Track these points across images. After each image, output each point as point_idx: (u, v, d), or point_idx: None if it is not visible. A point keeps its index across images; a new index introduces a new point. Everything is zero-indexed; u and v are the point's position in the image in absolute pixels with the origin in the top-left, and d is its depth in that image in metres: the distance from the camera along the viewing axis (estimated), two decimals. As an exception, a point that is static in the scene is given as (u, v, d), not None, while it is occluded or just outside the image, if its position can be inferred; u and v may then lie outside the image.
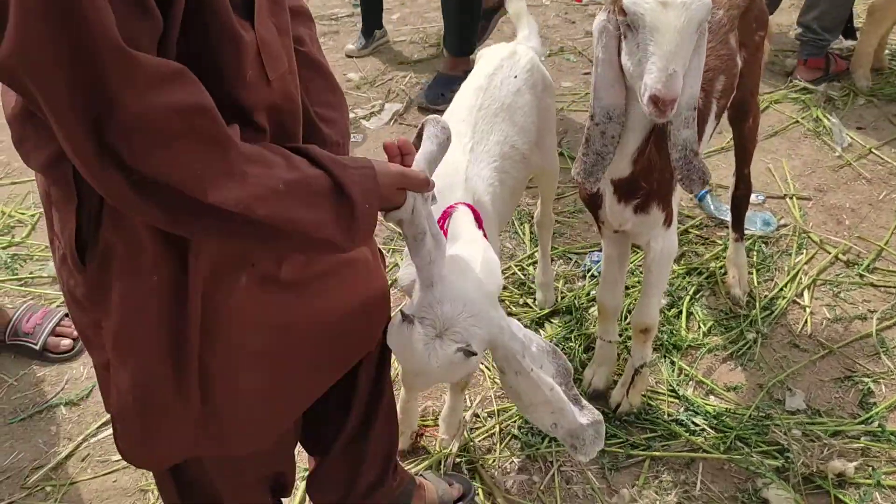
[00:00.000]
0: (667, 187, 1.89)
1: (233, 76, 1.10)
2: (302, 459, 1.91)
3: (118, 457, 2.29)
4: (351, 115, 4.05)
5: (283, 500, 1.79)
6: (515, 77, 2.06)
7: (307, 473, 1.86)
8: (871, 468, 2.17)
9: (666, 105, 1.54)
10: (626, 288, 2.54)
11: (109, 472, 2.31)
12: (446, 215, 1.73)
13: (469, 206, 1.77)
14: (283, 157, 1.13)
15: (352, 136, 3.76)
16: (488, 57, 2.17)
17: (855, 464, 2.17)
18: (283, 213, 1.09)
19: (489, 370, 2.56)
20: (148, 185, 1.00)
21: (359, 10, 4.80)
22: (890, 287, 2.79)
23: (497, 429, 2.37)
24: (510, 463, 2.27)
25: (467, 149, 1.89)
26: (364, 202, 1.18)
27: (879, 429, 2.29)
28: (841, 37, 4.41)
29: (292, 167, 1.13)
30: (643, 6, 1.55)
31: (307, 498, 2.13)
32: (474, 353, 1.40)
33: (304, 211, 1.11)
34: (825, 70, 4.00)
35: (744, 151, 2.59)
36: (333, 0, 5.42)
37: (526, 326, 2.64)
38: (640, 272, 2.80)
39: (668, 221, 1.98)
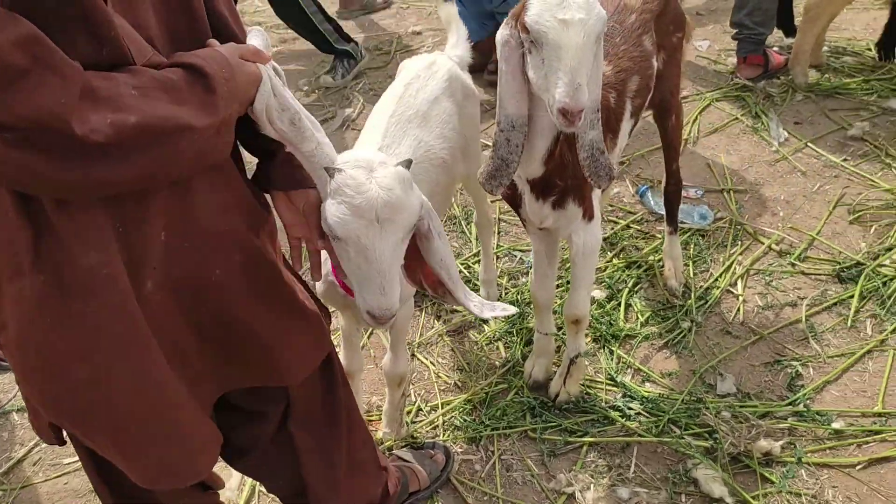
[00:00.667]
0: (580, 183, 1.98)
1: None
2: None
3: (69, 460, 2.36)
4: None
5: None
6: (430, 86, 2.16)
7: None
8: (795, 447, 2.27)
9: (574, 116, 1.63)
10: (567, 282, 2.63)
11: (60, 475, 2.35)
12: None
13: None
14: (127, 72, 1.11)
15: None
16: (409, 67, 2.26)
17: (781, 443, 2.27)
18: (152, 113, 1.09)
19: (432, 365, 2.64)
20: (19, 137, 1.00)
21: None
22: (820, 275, 2.91)
23: (440, 420, 2.45)
24: (453, 452, 2.34)
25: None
26: (221, 73, 1.18)
27: (805, 409, 2.39)
28: (782, 34, 4.56)
29: (138, 73, 1.11)
30: (545, 25, 1.63)
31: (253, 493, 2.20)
32: (410, 161, 1.50)
33: (168, 104, 1.11)
34: (764, 67, 4.14)
35: (670, 148, 2.69)
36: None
37: (470, 323, 2.75)
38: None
39: (587, 216, 2.07)
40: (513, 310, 1.67)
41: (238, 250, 1.35)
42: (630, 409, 2.42)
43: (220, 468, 2.28)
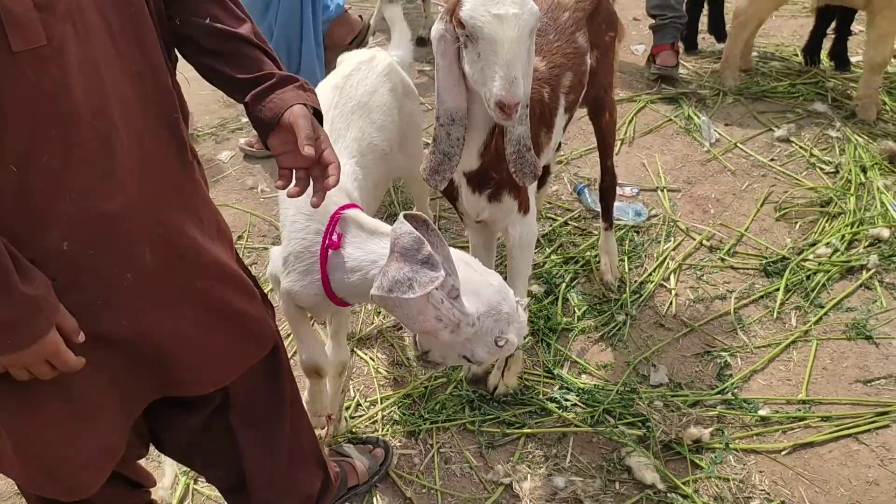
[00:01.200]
0: None
1: None
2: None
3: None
4: (244, 120, 4.07)
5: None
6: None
7: None
8: (723, 434, 2.35)
9: (511, 109, 1.66)
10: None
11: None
12: (335, 220, 1.77)
13: (354, 205, 1.84)
14: None
15: (242, 138, 3.79)
16: (349, 60, 2.27)
17: (710, 430, 2.34)
18: None
19: (372, 361, 2.64)
20: None
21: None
22: (748, 269, 3.01)
23: (379, 415, 2.45)
24: (392, 447, 2.34)
25: None
26: None
27: (733, 398, 2.47)
28: (714, 39, 4.71)
29: None
30: (480, 20, 1.66)
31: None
32: None
33: None
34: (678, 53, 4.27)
35: (604, 145, 2.74)
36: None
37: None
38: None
39: (522, 209, 2.10)
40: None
41: (151, 251, 1.29)
42: (566, 400, 2.47)
43: (153, 467, 2.24)
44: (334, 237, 1.75)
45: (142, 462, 2.20)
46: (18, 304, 1.10)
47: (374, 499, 2.20)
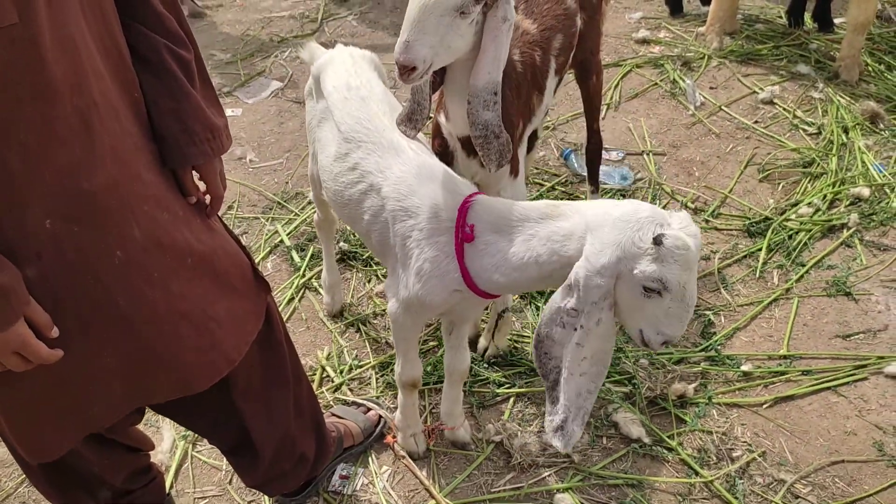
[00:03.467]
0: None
1: None
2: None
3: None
4: (225, 89, 4.07)
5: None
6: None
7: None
8: (707, 389, 2.42)
9: (404, 70, 1.67)
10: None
11: (-14, 448, 2.32)
12: (464, 212, 1.76)
13: (477, 192, 1.83)
14: None
15: (230, 110, 3.79)
16: (334, 71, 2.14)
17: (694, 386, 2.41)
18: None
19: (364, 325, 2.69)
20: None
21: None
22: (731, 230, 3.07)
23: (373, 378, 2.51)
24: (386, 408, 2.40)
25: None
26: None
27: (716, 354, 2.54)
28: (699, 2, 4.72)
29: None
30: None
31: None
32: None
33: None
34: None
35: (591, 107, 2.76)
36: None
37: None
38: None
39: (513, 172, 2.14)
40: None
41: (139, 228, 1.28)
42: (555, 360, 2.52)
43: (152, 431, 2.30)
44: (467, 230, 1.74)
45: (140, 427, 2.26)
46: None
47: (370, 459, 2.27)
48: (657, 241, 1.49)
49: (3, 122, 1.11)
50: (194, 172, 1.44)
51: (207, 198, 1.48)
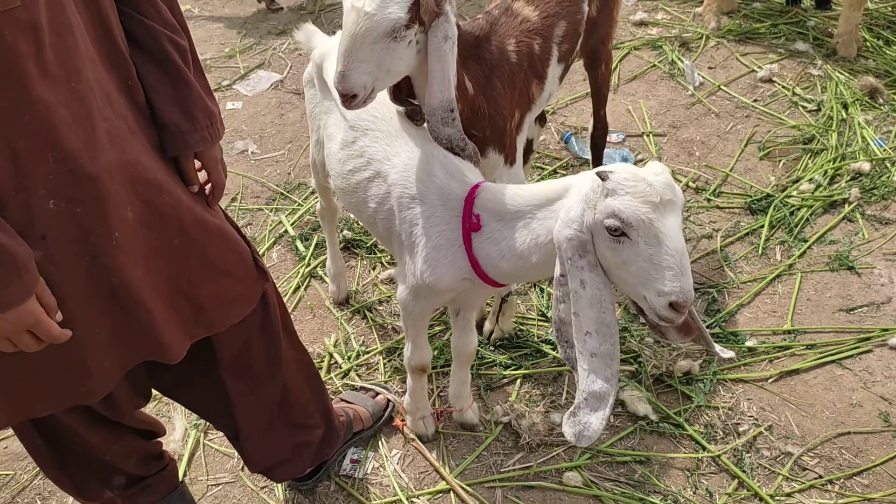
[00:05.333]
0: (499, 133, 2.03)
1: None
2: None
3: (8, 426, 2.35)
4: (225, 83, 4.08)
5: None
6: None
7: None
8: (711, 365, 2.43)
9: (343, 98, 1.70)
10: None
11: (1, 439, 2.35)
12: (471, 202, 1.78)
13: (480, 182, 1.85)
14: None
15: (230, 103, 3.81)
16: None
17: (699, 363, 2.43)
18: None
19: (370, 312, 2.70)
20: None
21: None
22: (733, 208, 3.08)
23: (381, 364, 2.53)
24: (394, 392, 2.42)
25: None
26: None
27: (721, 331, 2.56)
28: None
29: None
30: (344, 3, 1.68)
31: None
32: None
33: None
34: None
35: (598, 95, 2.76)
36: None
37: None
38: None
39: (509, 161, 2.14)
40: (731, 354, 1.75)
41: (132, 210, 1.30)
42: (560, 341, 2.54)
43: (164, 421, 2.32)
44: (473, 219, 1.76)
45: (151, 412, 2.29)
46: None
47: (379, 442, 2.29)
48: (602, 176, 1.49)
49: (8, 104, 1.13)
50: (196, 161, 1.46)
51: (208, 187, 1.50)
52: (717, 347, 1.72)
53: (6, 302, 1.15)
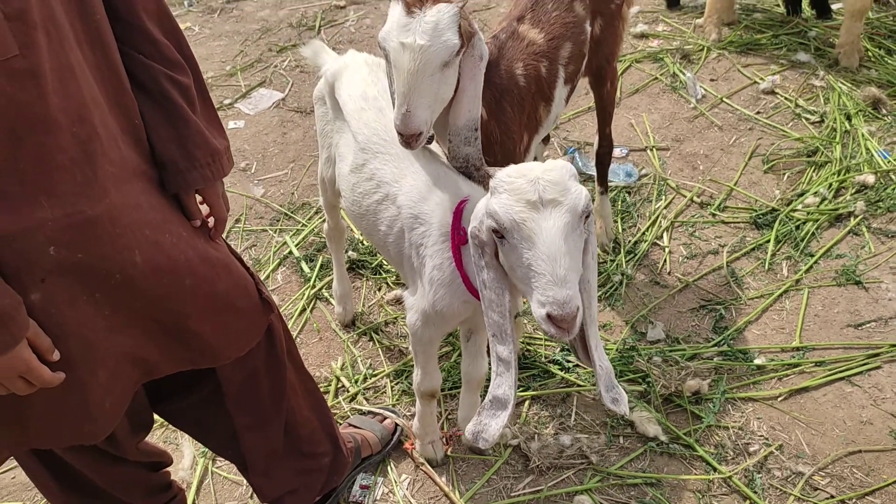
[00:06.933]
0: (509, 157, 2.04)
1: None
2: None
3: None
4: (226, 101, 4.08)
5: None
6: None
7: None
8: (721, 384, 2.42)
9: (407, 138, 1.70)
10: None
11: (7, 471, 2.33)
12: (458, 215, 1.77)
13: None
14: None
15: (232, 122, 3.81)
16: (352, 84, 2.11)
17: (708, 381, 2.42)
18: None
19: (377, 334, 2.70)
20: None
21: None
22: (738, 223, 3.07)
23: (388, 387, 2.52)
24: (402, 416, 2.41)
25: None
26: None
27: (729, 349, 2.55)
28: (696, -5, 4.71)
29: None
30: (388, 43, 1.68)
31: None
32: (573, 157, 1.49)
33: None
34: None
35: (604, 113, 2.76)
36: None
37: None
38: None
39: None
40: (625, 410, 1.63)
41: (141, 253, 1.30)
42: (568, 362, 2.54)
43: (172, 449, 2.31)
44: (460, 232, 1.73)
45: (158, 440, 2.28)
46: None
47: (388, 467, 2.28)
48: (490, 174, 1.48)
49: (3, 152, 1.12)
50: (197, 196, 1.45)
51: (211, 220, 1.50)
52: (607, 397, 1.63)
53: None
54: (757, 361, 2.50)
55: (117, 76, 1.29)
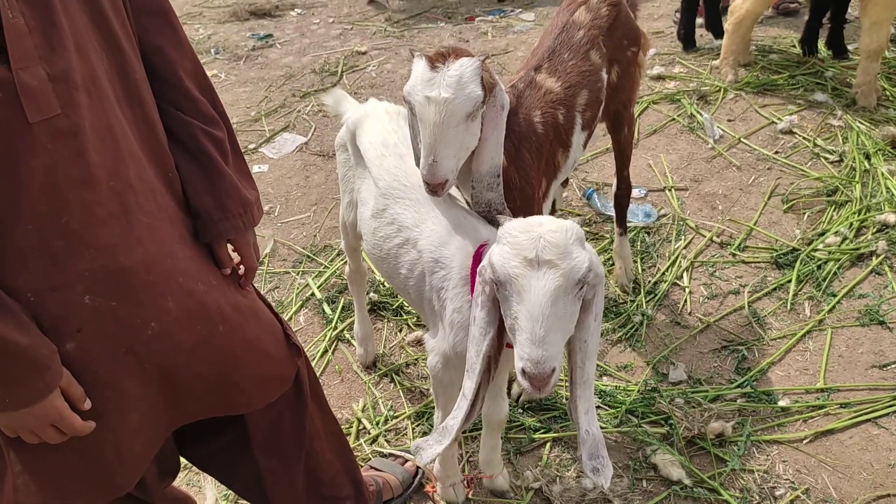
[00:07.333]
0: (528, 203, 2.07)
1: None
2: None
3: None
4: (251, 146, 4.17)
5: None
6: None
7: None
8: (745, 426, 2.40)
9: (435, 188, 1.75)
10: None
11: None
12: (478, 257, 1.78)
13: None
14: None
15: (256, 166, 3.89)
16: (375, 132, 2.15)
17: (732, 424, 2.40)
18: None
19: (398, 375, 2.71)
20: None
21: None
22: (759, 262, 3.07)
23: (409, 429, 2.52)
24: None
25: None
26: None
27: (752, 390, 2.53)
28: (711, 36, 4.77)
29: None
30: (414, 97, 1.74)
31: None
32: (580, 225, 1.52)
33: None
34: None
35: (622, 157, 2.79)
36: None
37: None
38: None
39: None
40: (605, 483, 1.58)
41: (173, 300, 1.33)
42: (590, 403, 2.53)
43: (195, 491, 2.32)
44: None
45: (181, 482, 2.29)
46: (17, 364, 1.15)
47: (410, 510, 2.28)
48: (499, 223, 1.51)
49: (47, 206, 1.17)
50: (228, 245, 1.50)
51: (241, 269, 1.54)
52: (588, 465, 1.59)
53: (28, 398, 1.18)
54: (781, 403, 2.48)
55: (155, 132, 1.35)
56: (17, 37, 1.10)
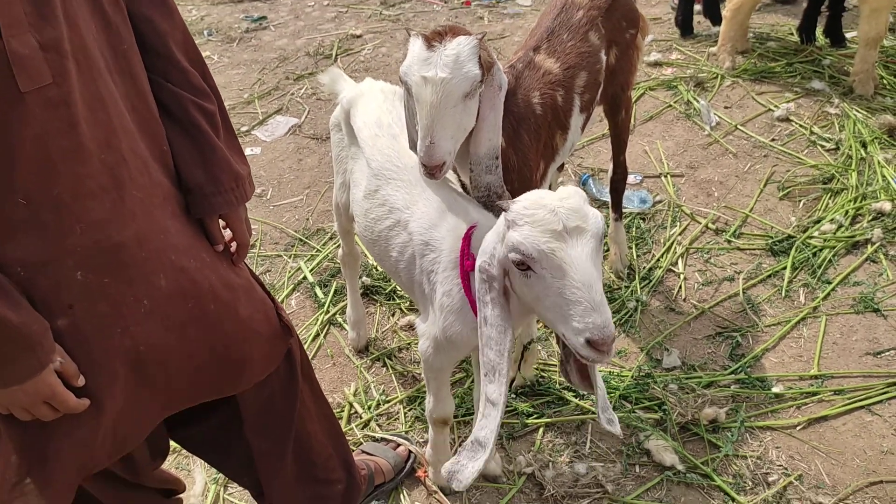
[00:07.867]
0: (526, 184, 2.03)
1: None
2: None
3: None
4: (244, 129, 4.13)
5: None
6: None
7: None
8: (738, 412, 2.39)
9: (432, 169, 1.72)
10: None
11: None
12: (467, 241, 1.77)
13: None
14: None
15: (249, 149, 3.85)
16: (368, 113, 2.12)
17: (725, 410, 2.39)
18: None
19: (390, 360, 2.69)
20: None
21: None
22: (754, 249, 3.05)
23: (401, 413, 2.51)
24: (416, 443, 2.39)
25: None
26: None
27: (746, 377, 2.52)
28: (709, 23, 4.74)
29: None
30: (410, 78, 1.71)
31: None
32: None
33: None
34: None
35: (618, 141, 2.77)
36: (226, 18, 5.45)
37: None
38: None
39: None
40: (619, 431, 1.67)
41: (165, 278, 1.31)
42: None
43: (184, 475, 2.31)
44: (468, 259, 1.73)
45: (170, 467, 2.27)
46: (9, 341, 1.13)
47: (401, 495, 2.26)
48: (503, 207, 1.47)
49: (37, 178, 1.14)
50: (220, 221, 1.47)
51: (233, 245, 1.51)
52: (603, 418, 1.64)
53: (20, 375, 1.16)
54: (775, 390, 2.47)
55: (146, 104, 1.32)
56: (6, 4, 1.07)
